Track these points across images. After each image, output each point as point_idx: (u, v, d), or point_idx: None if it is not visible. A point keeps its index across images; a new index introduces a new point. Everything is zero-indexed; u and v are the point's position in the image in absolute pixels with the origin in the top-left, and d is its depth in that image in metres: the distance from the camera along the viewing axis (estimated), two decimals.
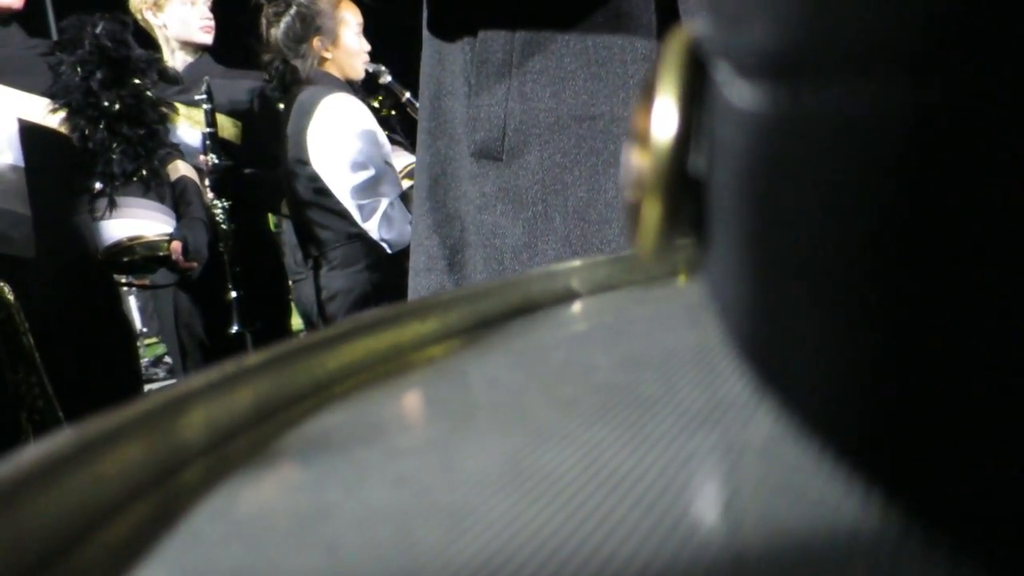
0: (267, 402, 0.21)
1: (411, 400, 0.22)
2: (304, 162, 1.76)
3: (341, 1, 1.80)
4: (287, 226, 2.63)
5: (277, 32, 1.75)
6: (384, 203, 1.71)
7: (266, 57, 1.79)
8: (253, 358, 0.21)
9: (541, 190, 0.78)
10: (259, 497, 0.16)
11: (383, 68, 1.97)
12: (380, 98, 2.02)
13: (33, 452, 0.15)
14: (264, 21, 1.78)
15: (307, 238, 1.84)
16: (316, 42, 1.75)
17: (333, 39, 1.78)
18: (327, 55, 1.78)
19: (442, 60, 0.84)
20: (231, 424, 0.20)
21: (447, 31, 0.84)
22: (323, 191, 1.75)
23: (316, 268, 1.82)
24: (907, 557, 0.11)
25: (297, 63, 1.77)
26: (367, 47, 1.86)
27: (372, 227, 1.72)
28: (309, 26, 1.74)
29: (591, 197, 0.78)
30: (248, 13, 1.77)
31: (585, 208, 0.78)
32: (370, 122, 1.73)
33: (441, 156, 0.84)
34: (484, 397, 0.21)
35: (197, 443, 0.19)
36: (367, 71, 1.88)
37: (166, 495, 0.17)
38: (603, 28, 0.78)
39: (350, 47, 1.80)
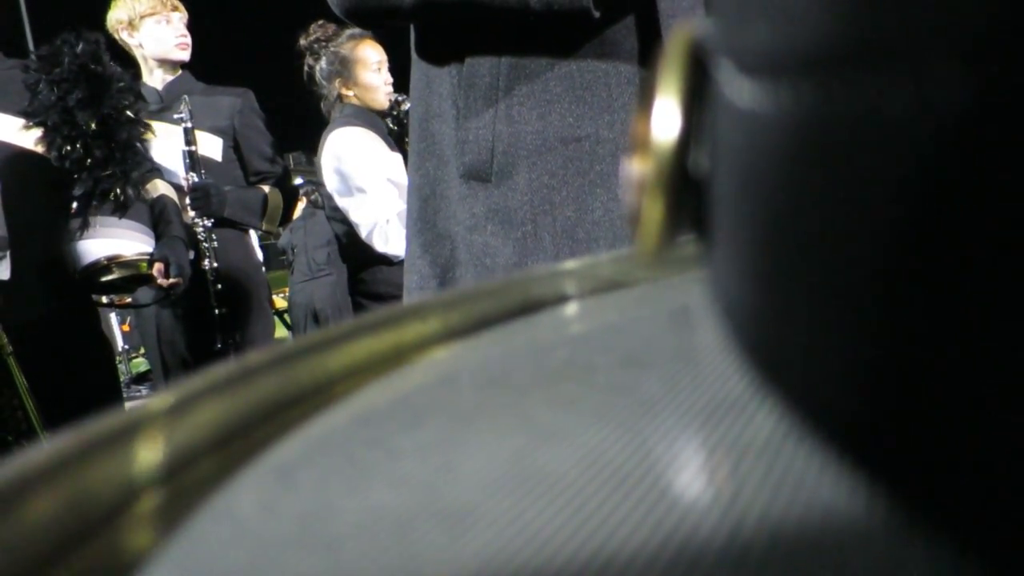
0: (269, 402, 0.21)
1: (413, 400, 0.22)
2: (323, 185, 2.08)
3: (359, 44, 2.09)
4: (307, 229, 2.67)
5: (316, 78, 2.12)
6: (381, 220, 1.98)
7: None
8: (255, 358, 0.21)
9: (530, 210, 0.79)
10: (261, 498, 0.16)
11: (403, 97, 2.19)
12: (402, 122, 2.22)
13: (35, 453, 0.15)
14: (306, 69, 2.14)
15: (339, 245, 2.17)
16: (338, 82, 2.09)
17: (353, 78, 2.08)
18: (348, 93, 2.10)
19: (430, 83, 0.86)
20: (233, 424, 0.20)
21: (435, 56, 0.85)
22: (338, 209, 2.05)
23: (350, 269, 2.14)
24: (909, 556, 0.11)
25: (323, 103, 2.12)
26: (389, 80, 2.14)
27: (372, 242, 2.00)
28: (333, 70, 2.09)
29: (579, 217, 0.79)
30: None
31: (573, 227, 0.79)
32: (370, 148, 2.02)
33: (430, 177, 0.86)
34: (486, 397, 0.21)
35: (199, 443, 0.19)
36: (391, 100, 2.16)
37: (168, 496, 0.17)
38: (587, 53, 0.79)
39: (368, 83, 2.09)
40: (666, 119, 0.14)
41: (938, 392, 0.08)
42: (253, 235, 2.33)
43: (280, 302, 3.45)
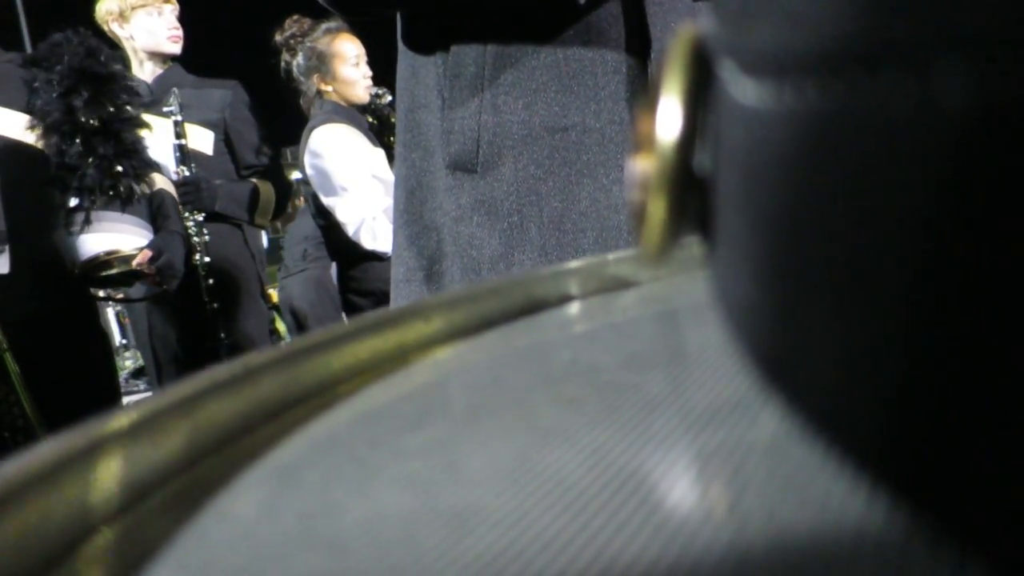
0: (272, 402, 0.22)
1: (416, 400, 0.22)
2: (307, 183, 2.05)
3: (335, 38, 2.05)
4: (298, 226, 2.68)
5: (293, 74, 2.09)
6: (367, 217, 1.96)
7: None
8: (258, 358, 0.21)
9: (516, 201, 0.79)
10: (265, 497, 0.16)
11: (383, 90, 2.20)
12: (382, 117, 2.22)
13: (40, 451, 0.15)
14: (283, 65, 2.11)
15: (327, 243, 2.15)
16: (315, 78, 2.06)
17: (331, 73, 2.05)
18: (327, 88, 2.06)
19: (415, 73, 0.85)
20: (236, 424, 0.20)
21: (420, 44, 0.84)
22: (323, 207, 2.03)
23: (340, 268, 2.12)
24: (913, 558, 0.11)
25: (302, 100, 2.10)
26: (368, 73, 2.11)
27: (359, 240, 1.98)
28: (310, 66, 2.06)
29: (565, 207, 0.78)
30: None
31: (560, 218, 0.78)
32: (351, 145, 2.00)
33: (416, 168, 0.85)
34: (489, 397, 0.21)
35: (203, 443, 0.19)
36: (371, 94, 2.14)
37: (172, 495, 0.17)
38: (574, 42, 0.79)
39: (346, 78, 2.06)
40: (670, 118, 0.14)
41: (952, 396, 0.08)
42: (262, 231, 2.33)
43: (276, 296, 3.44)
